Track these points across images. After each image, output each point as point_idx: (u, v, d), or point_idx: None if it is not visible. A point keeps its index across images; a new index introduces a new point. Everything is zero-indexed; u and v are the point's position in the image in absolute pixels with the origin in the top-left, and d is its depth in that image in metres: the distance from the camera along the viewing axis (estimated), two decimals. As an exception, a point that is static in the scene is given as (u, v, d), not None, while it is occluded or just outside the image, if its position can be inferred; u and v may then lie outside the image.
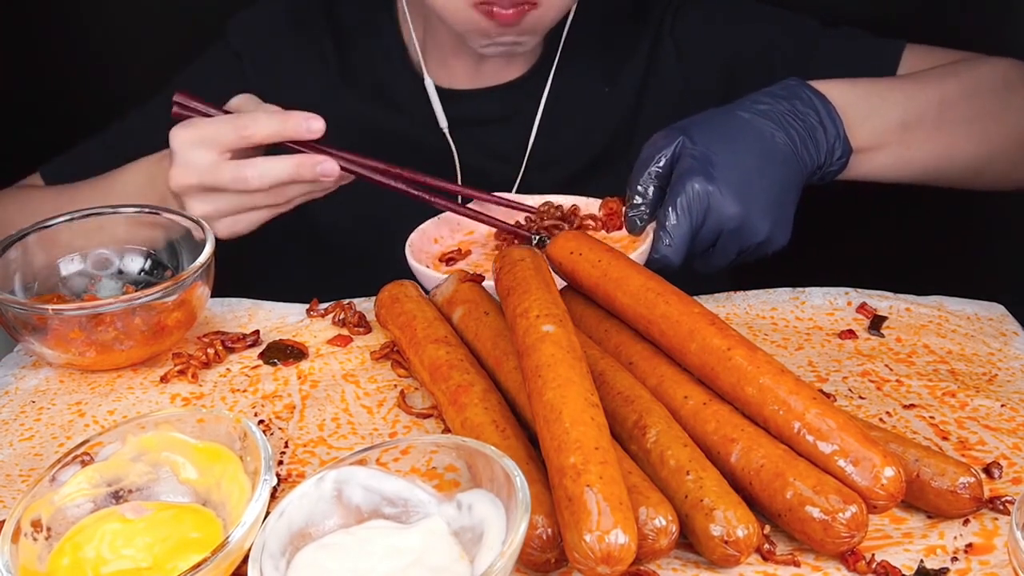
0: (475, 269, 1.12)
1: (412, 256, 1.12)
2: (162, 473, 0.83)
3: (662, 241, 1.04)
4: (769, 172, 1.06)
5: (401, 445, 0.81)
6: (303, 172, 1.09)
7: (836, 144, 1.10)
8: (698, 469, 0.78)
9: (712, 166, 1.04)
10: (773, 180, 1.06)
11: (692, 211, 1.03)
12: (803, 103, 1.10)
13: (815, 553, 0.78)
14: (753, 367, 0.83)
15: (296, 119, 1.11)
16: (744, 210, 1.04)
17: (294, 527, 0.76)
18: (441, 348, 0.95)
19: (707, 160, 1.04)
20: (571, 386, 0.79)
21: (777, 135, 1.07)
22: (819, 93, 1.11)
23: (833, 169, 1.12)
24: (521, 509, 0.71)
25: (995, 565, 0.77)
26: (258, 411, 0.97)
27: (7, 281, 1.05)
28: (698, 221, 1.04)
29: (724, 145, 1.06)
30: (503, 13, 1.17)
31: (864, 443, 0.78)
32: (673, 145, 1.07)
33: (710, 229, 1.05)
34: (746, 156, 1.06)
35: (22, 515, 0.77)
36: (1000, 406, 0.94)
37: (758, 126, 1.07)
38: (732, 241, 1.06)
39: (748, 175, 1.05)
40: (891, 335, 1.05)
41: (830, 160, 1.11)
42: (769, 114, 1.08)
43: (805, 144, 1.08)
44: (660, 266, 1.03)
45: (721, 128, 1.08)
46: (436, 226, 1.19)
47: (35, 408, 1.00)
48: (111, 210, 1.11)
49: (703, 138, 1.06)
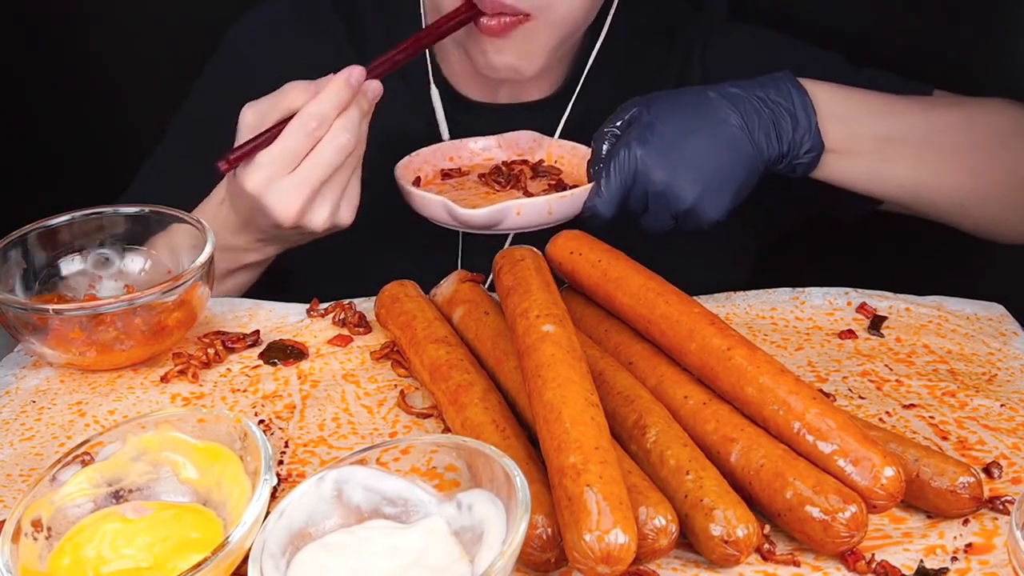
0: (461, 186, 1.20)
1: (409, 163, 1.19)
2: (162, 473, 0.84)
3: (596, 194, 1.12)
4: (710, 148, 1.11)
5: (401, 445, 0.81)
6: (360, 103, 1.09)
7: (805, 137, 1.13)
8: (698, 469, 0.78)
9: (652, 133, 1.10)
10: (711, 155, 1.10)
11: (622, 171, 1.11)
12: (778, 92, 1.13)
13: (815, 553, 0.78)
14: (753, 367, 0.83)
15: (340, 83, 1.09)
16: (669, 177, 1.09)
17: (294, 527, 0.76)
18: (441, 348, 0.95)
19: (651, 127, 1.11)
20: (571, 386, 0.79)
21: (732, 117, 1.11)
22: (799, 87, 1.13)
23: (802, 161, 1.14)
24: (521, 509, 0.71)
25: (995, 565, 0.77)
26: (258, 411, 0.98)
27: (7, 281, 1.05)
28: (627, 181, 1.11)
29: (672, 117, 1.12)
30: (488, 25, 1.17)
31: (864, 443, 0.78)
32: (632, 110, 1.14)
33: (639, 190, 1.11)
34: (688, 130, 1.11)
35: (22, 515, 0.77)
36: (1000, 406, 0.94)
37: (717, 106, 1.12)
38: (660, 205, 1.11)
39: (684, 147, 1.10)
40: (891, 335, 1.05)
41: (795, 151, 1.13)
42: (735, 97, 1.12)
43: (765, 130, 1.11)
44: (591, 215, 1.12)
45: (679, 102, 1.14)
46: (455, 146, 1.26)
47: (35, 408, 1.00)
48: (111, 210, 1.11)
49: (657, 109, 1.12)
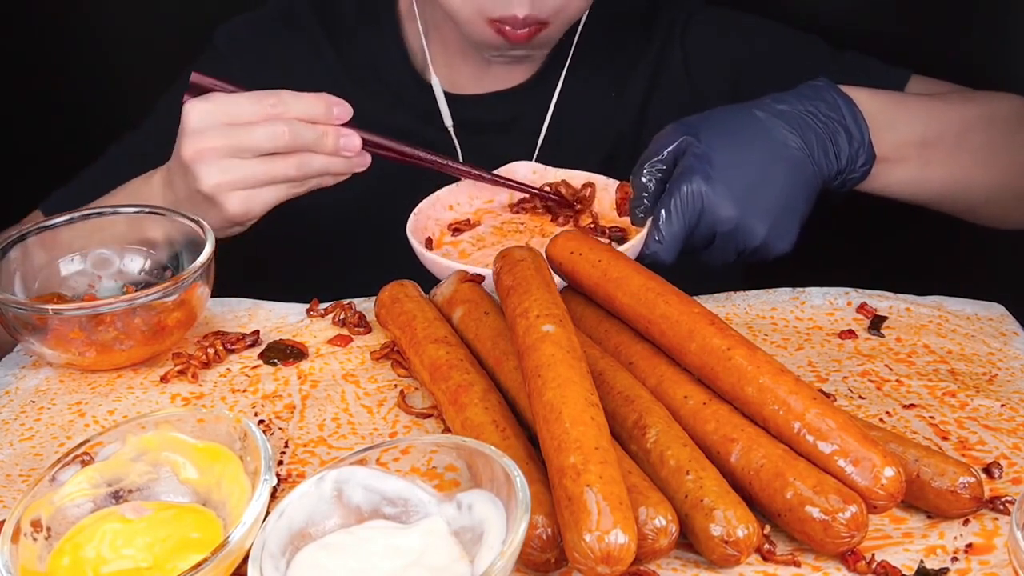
0: (479, 242, 1.13)
1: (416, 224, 1.12)
2: (162, 473, 0.83)
3: (654, 238, 1.04)
4: (774, 176, 1.04)
5: (401, 445, 0.81)
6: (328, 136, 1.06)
7: (860, 150, 1.08)
8: (698, 469, 0.78)
9: (711, 166, 1.03)
10: (777, 184, 1.05)
11: (686, 211, 1.03)
12: (827, 106, 1.08)
13: (815, 553, 0.78)
14: (753, 367, 0.83)
15: (321, 101, 1.07)
16: (739, 213, 1.03)
17: (294, 527, 0.76)
18: (441, 348, 0.95)
19: (707, 159, 1.03)
20: (571, 386, 0.79)
21: (790, 138, 1.05)
22: (845, 96, 1.09)
23: (855, 176, 1.10)
24: (521, 509, 0.71)
25: (995, 565, 0.77)
26: (258, 411, 0.97)
27: (7, 281, 1.05)
28: (692, 222, 1.03)
29: (728, 145, 1.04)
30: (515, 33, 1.18)
31: (864, 443, 0.78)
32: (678, 140, 1.06)
33: (704, 230, 1.04)
34: (750, 158, 1.04)
35: (22, 515, 0.77)
36: (1000, 406, 0.94)
37: (770, 127, 1.06)
38: (727, 243, 1.05)
39: (749, 177, 1.04)
40: (891, 335, 1.05)
41: (852, 166, 1.08)
42: (786, 115, 1.06)
43: (824, 148, 1.06)
44: (651, 262, 1.03)
45: (730, 127, 1.06)
46: (453, 192, 1.19)
47: (35, 408, 1.00)
48: (111, 210, 1.11)
49: (708, 136, 1.05)
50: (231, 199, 1.07)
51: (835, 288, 1.12)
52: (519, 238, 1.16)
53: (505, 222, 1.18)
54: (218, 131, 1.06)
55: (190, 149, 1.06)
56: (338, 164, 1.09)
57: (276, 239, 1.24)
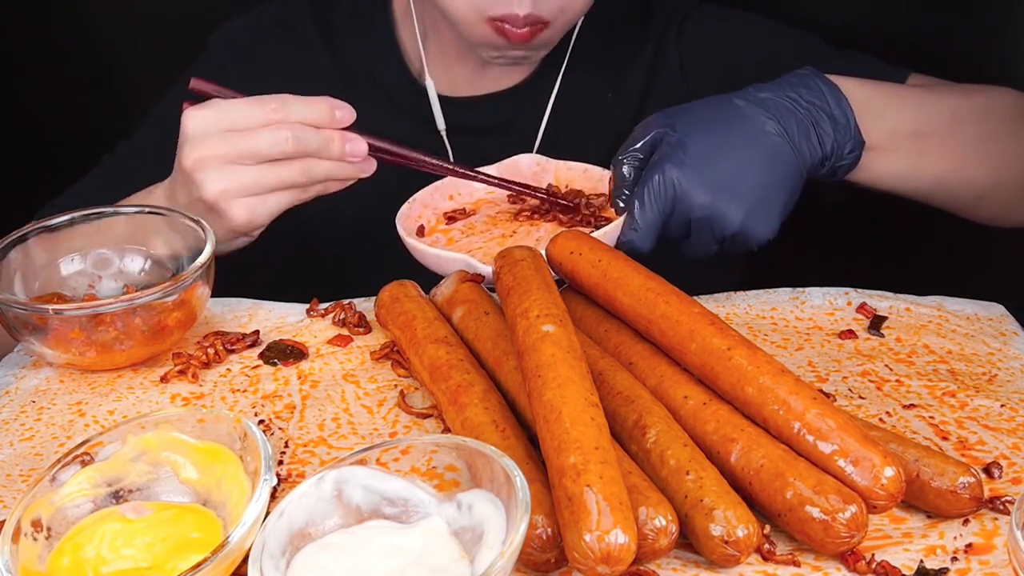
0: (469, 230, 1.14)
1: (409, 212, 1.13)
2: (162, 473, 0.84)
3: (630, 227, 1.05)
4: (749, 161, 1.04)
5: (401, 445, 0.81)
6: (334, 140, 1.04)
7: (846, 136, 1.07)
8: (698, 469, 0.78)
9: (685, 153, 1.03)
10: (752, 170, 1.04)
11: (659, 199, 1.03)
12: (810, 92, 1.07)
13: (815, 553, 0.78)
14: (753, 367, 0.83)
15: (324, 105, 1.06)
16: (712, 199, 1.03)
17: (294, 527, 0.76)
18: (441, 348, 0.95)
19: (681, 147, 1.04)
20: (571, 386, 0.79)
21: (768, 124, 1.05)
22: (830, 83, 1.09)
23: (844, 163, 1.09)
24: (521, 509, 0.71)
25: (995, 565, 0.77)
26: (258, 411, 0.98)
27: (8, 281, 1.05)
28: (666, 209, 1.04)
29: (703, 132, 1.05)
30: (516, 32, 1.18)
31: (864, 443, 0.78)
32: (655, 129, 1.07)
33: (680, 217, 1.04)
34: (725, 144, 1.04)
35: (22, 515, 0.77)
36: (1000, 406, 0.94)
37: (749, 114, 1.06)
38: (704, 230, 1.05)
39: (723, 163, 1.03)
40: (891, 335, 1.05)
41: (839, 152, 1.08)
42: (767, 102, 1.06)
43: (806, 134, 1.06)
44: (628, 250, 1.03)
45: (707, 115, 1.07)
46: (456, 182, 1.20)
47: (35, 408, 1.00)
48: (111, 210, 1.11)
49: (684, 125, 1.06)
50: (235, 207, 1.06)
51: (835, 288, 1.12)
52: (508, 228, 1.16)
53: (500, 212, 1.19)
54: (219, 138, 1.05)
55: (191, 157, 1.05)
56: (344, 169, 1.08)
57: (276, 239, 1.24)
